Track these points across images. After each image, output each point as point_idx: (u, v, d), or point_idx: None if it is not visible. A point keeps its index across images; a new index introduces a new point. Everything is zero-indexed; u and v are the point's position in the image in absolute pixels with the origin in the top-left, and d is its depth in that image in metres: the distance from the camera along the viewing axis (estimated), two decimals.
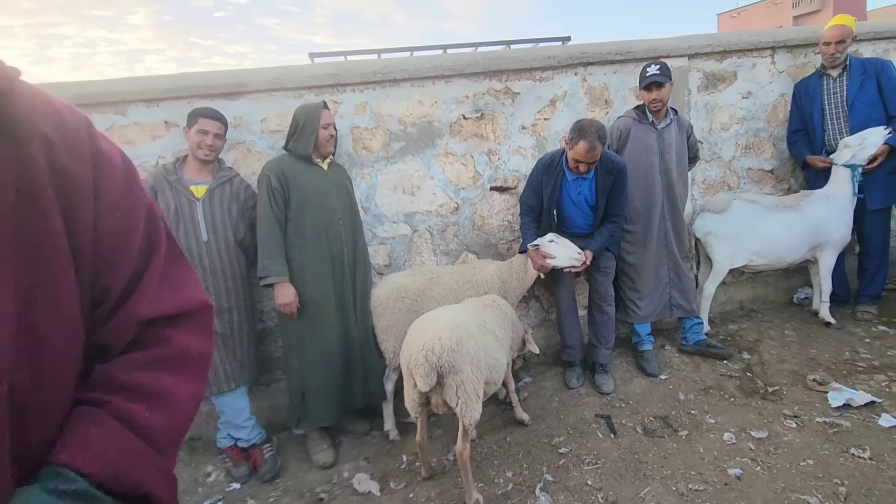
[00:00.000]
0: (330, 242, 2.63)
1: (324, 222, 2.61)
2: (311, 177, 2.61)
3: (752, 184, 3.75)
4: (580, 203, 2.88)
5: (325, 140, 2.62)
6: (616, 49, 3.30)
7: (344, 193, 2.75)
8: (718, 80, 3.57)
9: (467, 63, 3.08)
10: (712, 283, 3.40)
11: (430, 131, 3.13)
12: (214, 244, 2.56)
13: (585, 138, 2.57)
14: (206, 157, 2.56)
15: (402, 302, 2.68)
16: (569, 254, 2.75)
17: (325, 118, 2.61)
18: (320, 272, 2.61)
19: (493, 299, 2.68)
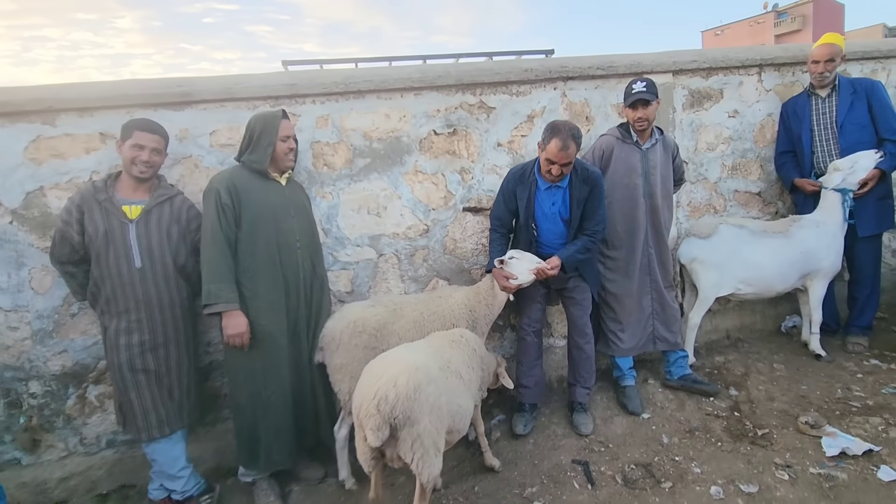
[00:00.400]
0: (285, 267, 2.38)
1: (280, 244, 2.36)
2: (266, 193, 2.36)
3: (738, 207, 3.58)
4: (553, 216, 2.65)
5: (283, 153, 2.38)
6: (598, 63, 3.12)
7: (303, 213, 2.52)
8: (704, 98, 3.41)
9: (438, 75, 2.86)
10: (698, 312, 3.20)
11: (397, 147, 2.90)
12: (150, 271, 2.28)
13: (558, 136, 2.40)
14: (141, 175, 2.29)
15: (359, 337, 2.42)
16: (527, 266, 2.54)
17: (285, 129, 2.38)
18: (274, 300, 2.35)
19: (461, 334, 2.44)
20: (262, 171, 2.35)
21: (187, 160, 2.62)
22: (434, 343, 2.31)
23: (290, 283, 2.40)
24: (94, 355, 2.59)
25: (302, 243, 2.45)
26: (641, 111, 2.70)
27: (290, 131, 2.41)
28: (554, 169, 2.47)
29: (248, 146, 2.37)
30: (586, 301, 2.80)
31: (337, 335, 2.41)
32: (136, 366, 2.26)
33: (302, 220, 2.49)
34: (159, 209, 2.33)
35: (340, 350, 2.40)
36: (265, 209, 2.33)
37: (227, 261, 2.25)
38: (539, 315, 2.86)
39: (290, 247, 2.40)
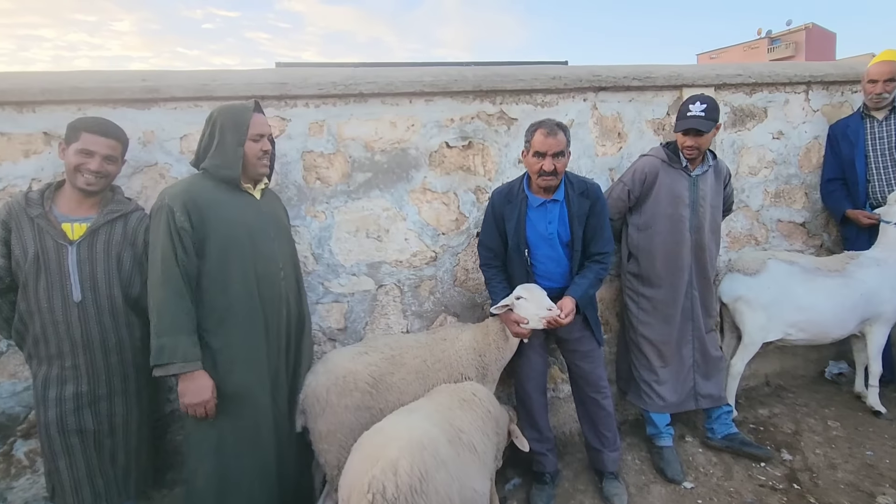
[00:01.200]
0: (266, 305, 1.91)
1: (259, 275, 1.89)
2: (238, 209, 1.88)
3: (781, 238, 3.20)
4: (551, 238, 2.22)
5: (255, 157, 1.90)
6: (633, 73, 2.74)
7: (284, 233, 2.09)
8: (747, 117, 3.05)
9: (454, 79, 2.46)
10: (741, 359, 2.79)
11: (404, 161, 2.48)
12: (92, 306, 1.82)
13: (541, 126, 2.11)
14: (88, 187, 1.85)
15: (349, 397, 1.97)
16: (536, 311, 2.09)
17: (257, 126, 1.91)
18: (252, 349, 1.87)
19: (473, 391, 2.00)
20: (233, 179, 1.87)
21: (151, 169, 2.18)
22: (440, 404, 1.87)
23: (271, 325, 1.93)
24: (25, 403, 2.11)
25: (286, 272, 2.00)
26: (693, 139, 2.31)
27: (264, 129, 1.94)
28: (546, 164, 2.08)
29: (209, 146, 1.87)
30: (595, 352, 2.36)
31: (322, 395, 1.95)
32: (68, 425, 1.79)
33: (284, 242, 2.05)
34: (109, 228, 1.88)
35: (327, 413, 1.94)
36: (238, 231, 1.85)
37: (185, 304, 1.75)
38: (543, 367, 2.43)
39: (272, 277, 1.93)
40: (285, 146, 2.31)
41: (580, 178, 2.28)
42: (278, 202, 2.16)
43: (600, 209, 2.23)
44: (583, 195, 2.22)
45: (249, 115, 1.89)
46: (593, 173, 2.77)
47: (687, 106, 2.33)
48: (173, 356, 1.70)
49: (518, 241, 2.23)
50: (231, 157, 1.85)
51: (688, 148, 2.35)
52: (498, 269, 2.33)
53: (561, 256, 2.25)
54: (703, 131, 2.29)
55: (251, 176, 1.95)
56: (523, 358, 2.37)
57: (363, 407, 2.01)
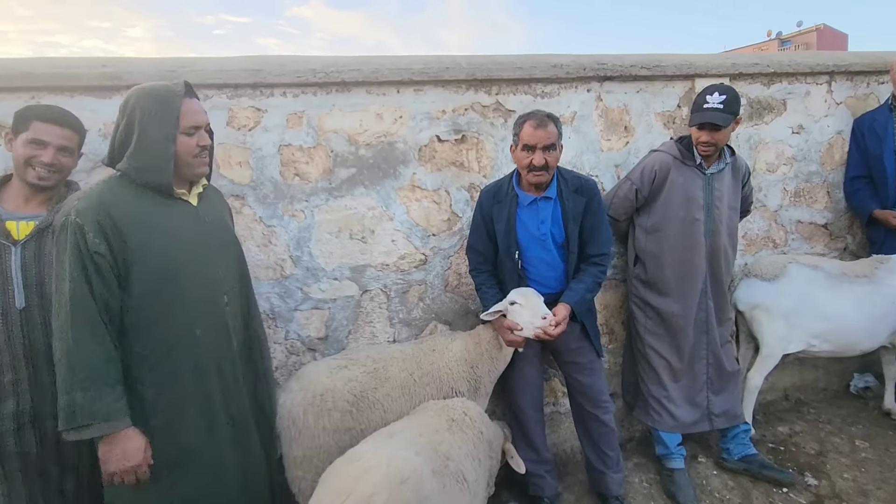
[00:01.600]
0: (208, 337, 1.53)
1: (198, 306, 1.51)
2: (170, 223, 1.48)
3: (801, 240, 2.97)
4: (544, 239, 2.03)
5: (190, 155, 1.51)
6: (642, 62, 2.53)
7: (228, 244, 1.67)
8: (764, 110, 2.82)
9: (445, 67, 2.26)
10: (759, 372, 2.56)
11: (391, 156, 2.29)
12: (38, 314, 1.63)
13: (530, 118, 1.93)
14: (39, 182, 1.67)
15: (328, 417, 1.77)
16: (530, 319, 1.89)
17: (191, 115, 1.50)
18: (194, 396, 1.50)
19: (464, 410, 1.79)
20: (162, 186, 1.47)
21: None
22: (426, 426, 1.67)
23: (222, 364, 1.57)
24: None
25: (231, 294, 1.61)
26: (709, 134, 2.10)
27: (199, 118, 1.53)
28: (536, 158, 1.90)
29: (126, 143, 1.46)
30: (595, 363, 2.17)
31: (298, 416, 1.75)
32: (6, 448, 1.60)
33: (229, 256, 1.65)
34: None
35: (303, 437, 1.74)
36: (171, 252, 1.46)
37: (105, 349, 1.37)
38: (538, 380, 2.24)
39: (215, 304, 1.56)
40: (261, 139, 2.13)
41: (574, 174, 2.10)
42: (221, 202, 1.78)
43: (596, 207, 2.04)
44: (577, 192, 2.02)
45: (179, 101, 1.47)
46: (598, 169, 2.56)
47: (703, 97, 2.11)
48: (91, 416, 1.32)
49: (508, 243, 2.03)
50: (158, 157, 1.44)
51: (703, 144, 2.13)
52: (489, 273, 2.14)
53: (555, 259, 2.06)
54: (720, 126, 2.07)
55: (185, 178, 1.55)
56: (516, 370, 2.17)
57: (343, 429, 1.82)
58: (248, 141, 2.12)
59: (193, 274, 1.50)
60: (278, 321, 2.21)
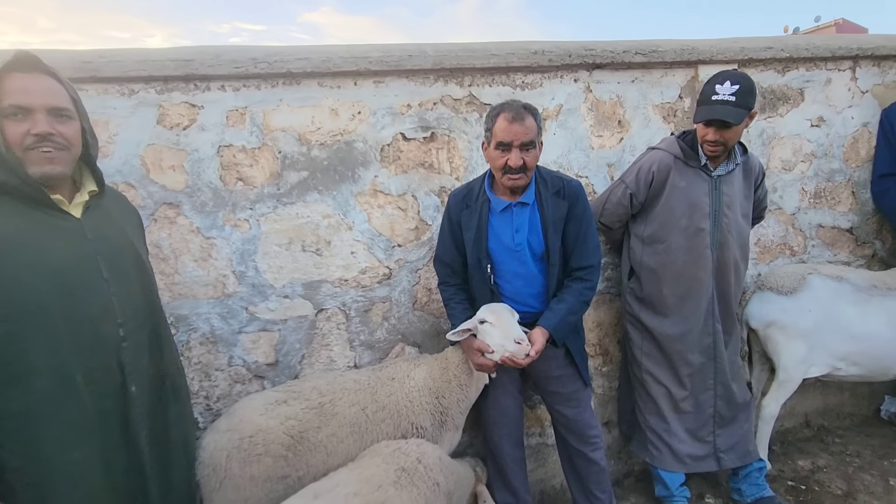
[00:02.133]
0: (96, 388, 1.21)
1: (80, 349, 1.20)
2: (32, 242, 1.16)
3: (823, 247, 2.64)
4: (519, 250, 1.75)
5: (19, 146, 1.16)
6: (636, 48, 2.23)
7: (127, 265, 1.33)
8: (779, 100, 2.50)
9: (408, 54, 1.99)
10: (775, 399, 2.24)
11: (349, 157, 2.02)
12: None
13: (505, 110, 1.64)
14: None
15: (256, 464, 1.51)
16: (501, 341, 1.63)
17: (17, 94, 1.16)
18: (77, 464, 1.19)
19: (418, 456, 1.52)
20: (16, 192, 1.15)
21: None
22: (367, 480, 1.39)
23: (102, 413, 1.22)
24: None
25: (130, 327, 1.28)
26: (718, 132, 1.78)
27: (33, 98, 1.17)
28: (512, 158, 1.61)
29: None
30: (580, 393, 1.88)
31: (221, 462, 1.48)
32: None
33: (126, 280, 1.31)
34: None
35: (225, 488, 1.48)
36: (30, 280, 1.14)
37: None
38: (516, 412, 1.95)
39: (103, 341, 1.23)
40: (197, 140, 1.87)
41: (555, 174, 1.82)
42: (123, 210, 1.45)
43: (581, 212, 1.75)
44: (558, 195, 1.74)
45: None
46: (587, 170, 2.27)
47: (712, 86, 1.79)
48: None
49: (478, 254, 1.76)
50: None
51: (710, 144, 1.83)
52: (458, 287, 1.88)
53: (532, 273, 1.77)
54: (731, 123, 1.76)
55: (41, 178, 1.18)
56: (489, 400, 1.90)
57: (275, 477, 1.55)
58: (181, 142, 1.86)
59: (66, 306, 1.17)
60: (220, 345, 1.95)
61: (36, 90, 1.18)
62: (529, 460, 2.24)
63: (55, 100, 1.20)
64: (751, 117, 1.82)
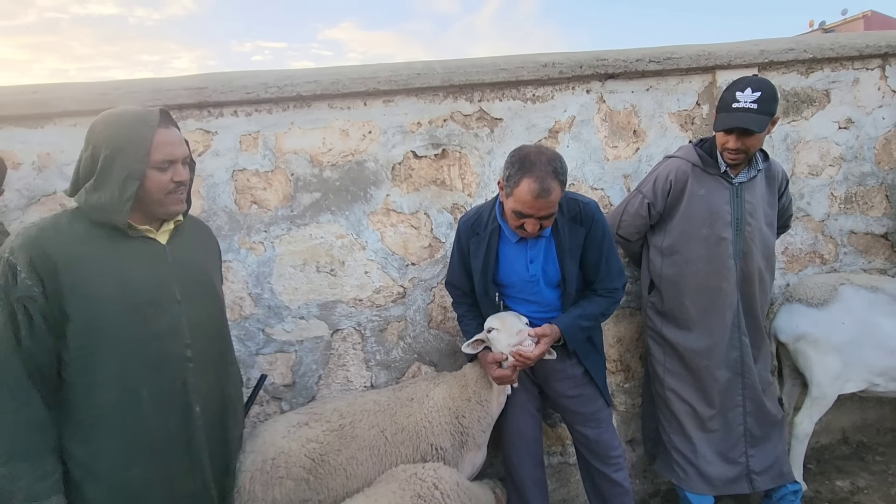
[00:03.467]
0: (158, 406, 1.27)
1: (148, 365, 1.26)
2: (119, 266, 1.24)
3: (856, 254, 2.52)
4: (534, 280, 1.70)
5: (162, 192, 1.27)
6: (650, 55, 2.18)
7: (200, 290, 1.41)
8: (803, 103, 2.41)
9: (416, 73, 1.98)
10: (809, 416, 2.14)
11: (360, 177, 2.03)
12: None
13: (531, 173, 1.47)
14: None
15: (279, 487, 1.50)
16: (507, 340, 1.62)
17: (164, 148, 1.26)
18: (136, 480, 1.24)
19: (434, 482, 1.50)
20: (116, 224, 1.24)
21: (50, 199, 1.82)
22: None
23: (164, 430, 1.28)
24: None
25: (197, 348, 1.33)
26: (739, 140, 1.72)
27: (175, 150, 1.29)
28: (529, 224, 1.54)
29: (89, 174, 1.25)
30: (601, 413, 1.83)
31: (245, 484, 1.49)
32: None
33: (199, 303, 1.38)
34: None
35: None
36: (113, 302, 1.22)
37: (31, 411, 1.16)
38: (537, 433, 1.91)
39: (171, 360, 1.29)
40: (212, 165, 1.91)
41: (570, 198, 1.70)
42: (203, 240, 1.53)
43: (600, 236, 1.68)
44: (574, 220, 1.67)
45: (150, 132, 1.24)
46: (603, 181, 2.22)
47: (733, 93, 1.73)
48: (8, 497, 1.11)
49: (485, 284, 1.72)
50: (116, 197, 1.20)
51: (731, 152, 1.76)
52: (470, 305, 1.86)
53: (547, 300, 1.74)
54: (753, 131, 1.70)
55: (158, 216, 1.33)
56: (508, 419, 1.87)
57: (297, 500, 1.55)
58: (197, 168, 1.88)
59: (137, 323, 1.24)
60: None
61: (177, 143, 1.31)
62: (551, 480, 2.19)
63: (185, 150, 1.34)
64: (773, 123, 1.76)
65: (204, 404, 1.34)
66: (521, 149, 1.55)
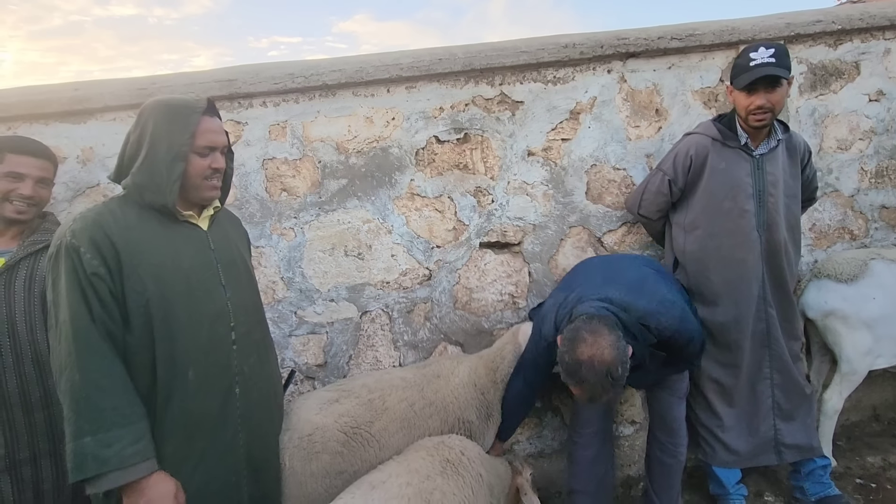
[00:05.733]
0: (203, 387, 1.32)
1: (195, 346, 1.31)
2: (171, 249, 1.32)
3: (887, 229, 2.47)
4: None
5: (200, 177, 1.35)
6: (672, 32, 2.16)
7: (240, 275, 1.48)
8: (831, 76, 2.36)
9: (438, 58, 2.01)
10: (838, 393, 2.13)
11: (385, 162, 2.08)
12: (10, 354, 1.55)
13: (582, 383, 1.44)
14: (18, 216, 1.61)
15: (316, 461, 1.57)
16: None
17: (207, 134, 1.34)
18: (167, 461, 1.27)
19: (461, 449, 1.55)
20: (163, 207, 1.32)
21: (94, 190, 1.92)
22: (416, 472, 1.44)
23: (214, 415, 1.35)
24: None
25: (241, 331, 1.40)
26: (765, 96, 1.72)
27: (216, 138, 1.37)
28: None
29: (134, 157, 1.31)
30: (679, 384, 1.87)
31: (284, 461, 1.55)
32: None
33: (240, 287, 1.46)
34: (31, 262, 1.61)
35: (289, 483, 1.55)
36: (169, 283, 1.29)
37: (116, 382, 1.20)
38: (601, 416, 1.90)
39: (217, 342, 1.36)
40: (243, 154, 1.98)
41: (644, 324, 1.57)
42: (235, 228, 1.61)
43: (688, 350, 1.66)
44: (654, 346, 1.62)
45: (196, 118, 1.32)
46: (625, 161, 2.23)
47: (746, 55, 1.74)
48: (103, 463, 1.14)
49: None
50: (163, 177, 1.28)
51: (758, 111, 1.75)
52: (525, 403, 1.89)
53: None
54: (779, 78, 1.70)
55: (193, 201, 1.39)
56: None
57: (333, 472, 1.61)
58: None
59: (189, 305, 1.31)
60: None
61: (218, 132, 1.40)
62: None
63: (225, 140, 1.42)
64: (789, 83, 1.75)
65: (245, 387, 1.40)
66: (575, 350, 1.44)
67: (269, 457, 1.52)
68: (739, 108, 1.80)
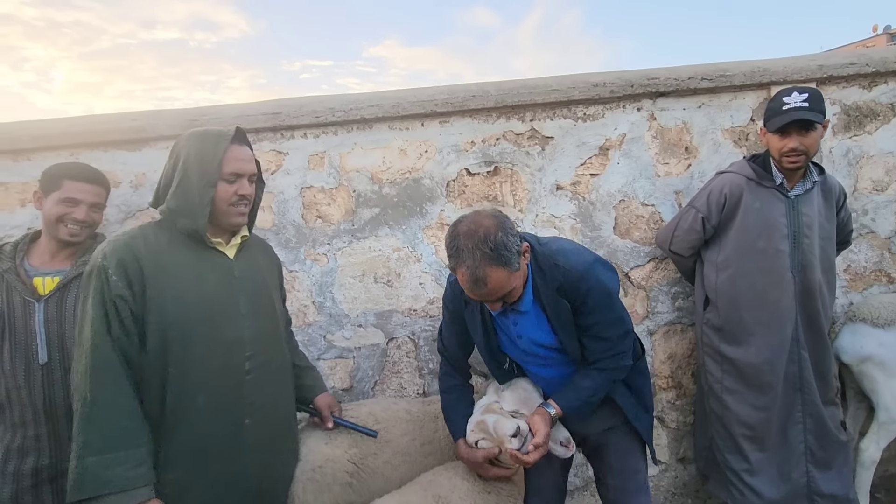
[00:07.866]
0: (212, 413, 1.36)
1: (209, 373, 1.36)
2: (195, 275, 1.38)
3: None
4: (530, 351, 1.57)
5: (226, 203, 1.41)
6: (702, 73, 2.20)
7: (262, 304, 1.52)
8: (865, 117, 2.34)
9: (471, 95, 2.09)
10: (876, 442, 2.05)
11: (417, 193, 2.14)
12: (59, 369, 1.64)
13: (461, 263, 1.32)
14: (71, 238, 1.71)
15: (326, 494, 1.58)
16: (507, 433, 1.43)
17: (234, 162, 1.41)
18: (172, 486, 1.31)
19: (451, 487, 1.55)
20: (194, 232, 1.39)
21: (144, 213, 2.03)
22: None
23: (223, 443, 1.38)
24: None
25: (256, 361, 1.43)
26: (797, 139, 1.73)
27: (243, 166, 1.43)
28: (488, 305, 1.46)
29: (169, 185, 1.42)
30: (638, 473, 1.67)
31: (298, 494, 1.57)
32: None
33: (261, 317, 1.49)
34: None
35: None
36: (188, 305, 1.34)
37: (126, 403, 1.25)
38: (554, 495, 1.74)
39: (230, 371, 1.39)
40: (283, 182, 2.08)
41: (552, 263, 1.45)
42: (266, 256, 1.66)
43: (592, 302, 1.43)
44: (559, 292, 1.45)
45: (224, 145, 1.39)
46: (654, 198, 2.24)
47: (779, 100, 1.77)
48: (102, 485, 1.17)
49: (491, 354, 1.63)
50: (194, 202, 1.36)
51: (791, 153, 1.76)
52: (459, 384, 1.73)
53: (558, 359, 1.58)
54: (813, 122, 1.71)
55: (223, 227, 1.46)
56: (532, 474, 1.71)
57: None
58: (270, 185, 2.07)
59: (207, 331, 1.36)
60: None
61: (246, 160, 1.46)
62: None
63: (254, 168, 1.49)
64: (824, 128, 1.76)
65: (256, 417, 1.42)
66: (455, 227, 1.36)
67: (279, 491, 1.53)
68: (773, 150, 1.81)
